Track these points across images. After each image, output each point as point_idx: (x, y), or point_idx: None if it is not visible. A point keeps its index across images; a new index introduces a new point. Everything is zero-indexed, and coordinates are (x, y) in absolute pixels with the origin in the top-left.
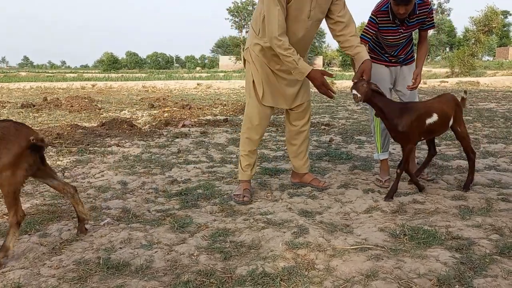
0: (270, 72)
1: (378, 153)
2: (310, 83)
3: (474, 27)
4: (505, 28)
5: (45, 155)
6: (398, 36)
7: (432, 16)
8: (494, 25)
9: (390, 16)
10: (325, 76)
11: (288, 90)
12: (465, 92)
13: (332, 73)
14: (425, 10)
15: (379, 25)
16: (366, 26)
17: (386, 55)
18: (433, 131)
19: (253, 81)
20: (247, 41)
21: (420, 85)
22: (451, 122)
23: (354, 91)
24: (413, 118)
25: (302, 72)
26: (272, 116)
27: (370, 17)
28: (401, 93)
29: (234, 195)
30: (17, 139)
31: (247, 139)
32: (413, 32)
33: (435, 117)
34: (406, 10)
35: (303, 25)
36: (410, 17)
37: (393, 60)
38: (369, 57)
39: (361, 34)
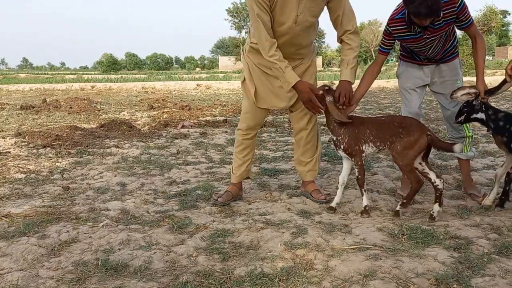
0: (261, 72)
1: None
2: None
3: None
4: (504, 28)
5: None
6: (423, 43)
7: (466, 13)
8: (493, 25)
9: (406, 25)
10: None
11: (282, 90)
12: None
13: (319, 91)
14: (452, 9)
15: (395, 35)
16: (382, 36)
17: (421, 56)
18: None
19: (245, 79)
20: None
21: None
22: None
23: None
24: None
25: (288, 82)
26: (271, 117)
27: (385, 26)
28: (442, 96)
29: (215, 193)
30: None
31: (239, 139)
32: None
33: None
34: (425, 22)
35: (291, 30)
36: (435, 19)
37: (425, 61)
38: (348, 79)
39: (379, 47)
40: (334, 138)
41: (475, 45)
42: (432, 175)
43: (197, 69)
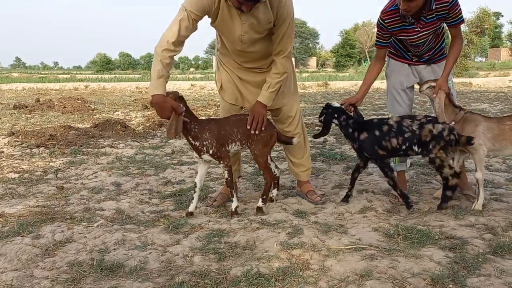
0: (227, 69)
1: (394, 163)
2: (293, 88)
3: (467, 28)
4: (497, 30)
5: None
6: (415, 36)
7: (457, 10)
8: (486, 27)
9: (400, 15)
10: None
11: (246, 91)
12: None
13: (181, 110)
14: (444, 4)
15: (389, 27)
16: (377, 31)
17: (409, 53)
18: None
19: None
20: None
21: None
22: None
23: None
24: None
25: (154, 87)
26: None
27: (378, 20)
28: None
29: (209, 196)
30: None
31: None
32: (444, 28)
33: None
34: (408, 7)
35: (239, 47)
36: (428, 13)
37: (415, 59)
38: (264, 101)
39: (376, 42)
40: (198, 144)
41: (452, 45)
42: (272, 165)
43: (191, 69)
